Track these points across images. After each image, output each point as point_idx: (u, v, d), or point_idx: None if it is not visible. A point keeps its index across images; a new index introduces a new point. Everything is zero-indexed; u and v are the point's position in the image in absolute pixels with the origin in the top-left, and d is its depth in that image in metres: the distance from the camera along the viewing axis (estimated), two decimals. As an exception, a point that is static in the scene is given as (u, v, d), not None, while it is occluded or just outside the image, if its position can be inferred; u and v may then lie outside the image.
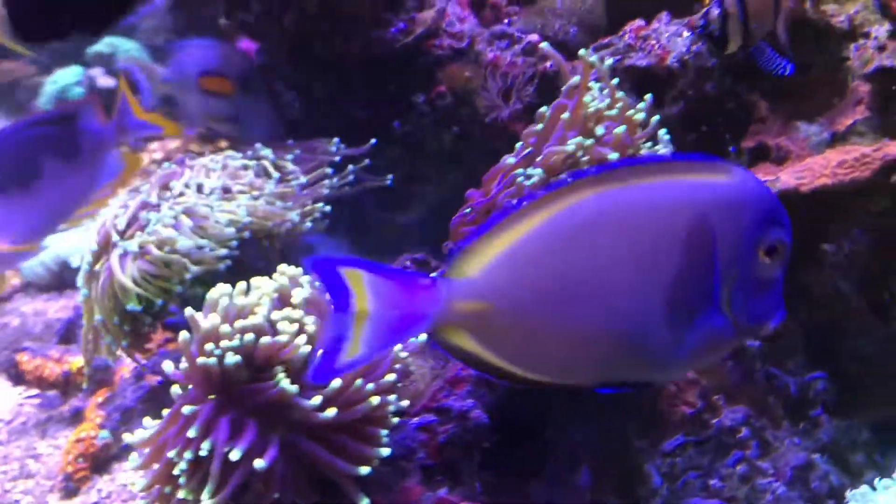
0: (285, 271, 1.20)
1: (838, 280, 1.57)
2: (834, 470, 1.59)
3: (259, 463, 1.05)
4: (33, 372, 1.99)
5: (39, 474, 1.84)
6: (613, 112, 1.29)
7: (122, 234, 1.42)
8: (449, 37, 1.73)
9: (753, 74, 1.65)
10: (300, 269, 1.21)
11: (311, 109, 1.86)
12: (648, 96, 1.32)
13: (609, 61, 1.47)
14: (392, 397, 1.17)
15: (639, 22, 1.66)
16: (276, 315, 1.14)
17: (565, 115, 1.27)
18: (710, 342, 0.75)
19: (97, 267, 1.44)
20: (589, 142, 1.25)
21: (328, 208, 1.57)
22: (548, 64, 1.62)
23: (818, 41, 1.61)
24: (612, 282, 0.72)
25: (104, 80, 3.87)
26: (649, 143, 1.36)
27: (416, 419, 1.29)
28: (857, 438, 1.63)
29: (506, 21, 1.83)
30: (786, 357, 1.63)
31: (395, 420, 1.18)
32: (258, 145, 1.63)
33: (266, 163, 1.53)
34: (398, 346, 1.20)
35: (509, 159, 1.33)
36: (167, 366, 1.13)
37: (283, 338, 1.09)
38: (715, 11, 1.36)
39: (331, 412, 1.08)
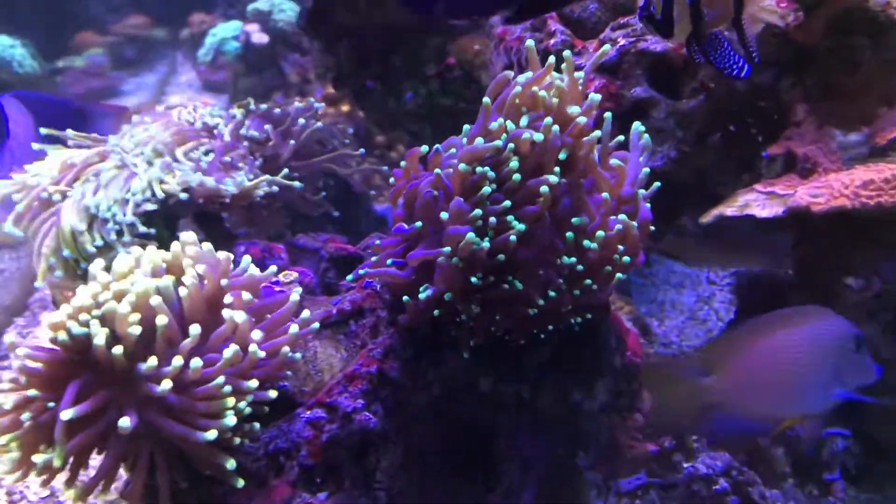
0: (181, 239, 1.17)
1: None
2: (838, 551, 1.34)
3: (124, 422, 1.04)
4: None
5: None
6: (555, 100, 1.13)
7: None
8: (470, 7, 1.60)
9: (805, 67, 1.41)
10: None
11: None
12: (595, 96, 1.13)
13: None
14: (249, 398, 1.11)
15: (664, 2, 1.45)
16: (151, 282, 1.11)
17: (485, 101, 1.13)
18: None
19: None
20: (511, 126, 1.11)
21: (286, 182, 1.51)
22: (551, 42, 1.45)
23: (874, 36, 1.34)
24: None
25: (258, 37, 4.00)
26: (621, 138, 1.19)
27: (308, 412, 1.20)
28: (880, 516, 1.37)
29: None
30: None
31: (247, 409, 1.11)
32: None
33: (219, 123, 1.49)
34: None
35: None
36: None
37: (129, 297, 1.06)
38: None
39: (166, 384, 1.04)
